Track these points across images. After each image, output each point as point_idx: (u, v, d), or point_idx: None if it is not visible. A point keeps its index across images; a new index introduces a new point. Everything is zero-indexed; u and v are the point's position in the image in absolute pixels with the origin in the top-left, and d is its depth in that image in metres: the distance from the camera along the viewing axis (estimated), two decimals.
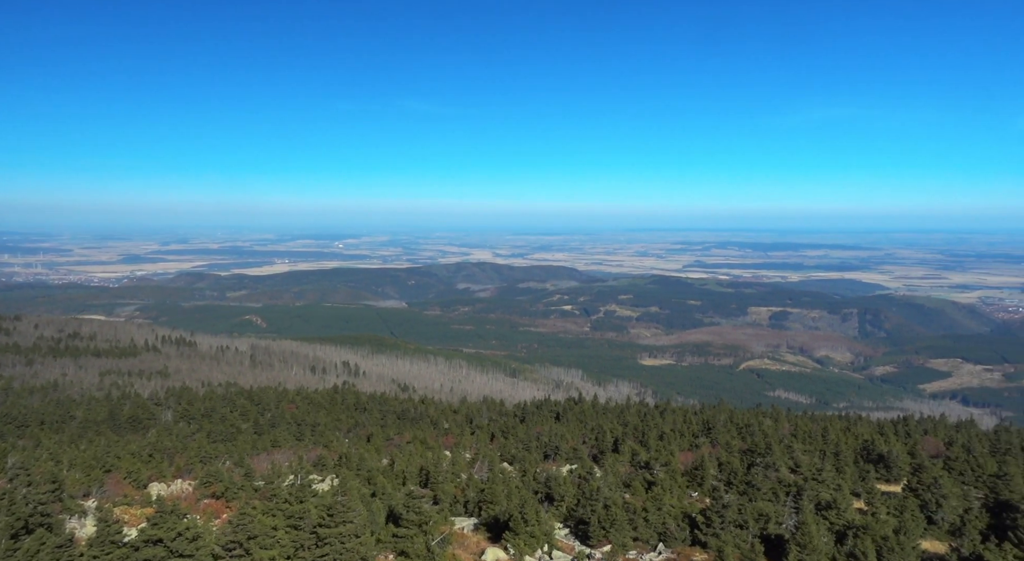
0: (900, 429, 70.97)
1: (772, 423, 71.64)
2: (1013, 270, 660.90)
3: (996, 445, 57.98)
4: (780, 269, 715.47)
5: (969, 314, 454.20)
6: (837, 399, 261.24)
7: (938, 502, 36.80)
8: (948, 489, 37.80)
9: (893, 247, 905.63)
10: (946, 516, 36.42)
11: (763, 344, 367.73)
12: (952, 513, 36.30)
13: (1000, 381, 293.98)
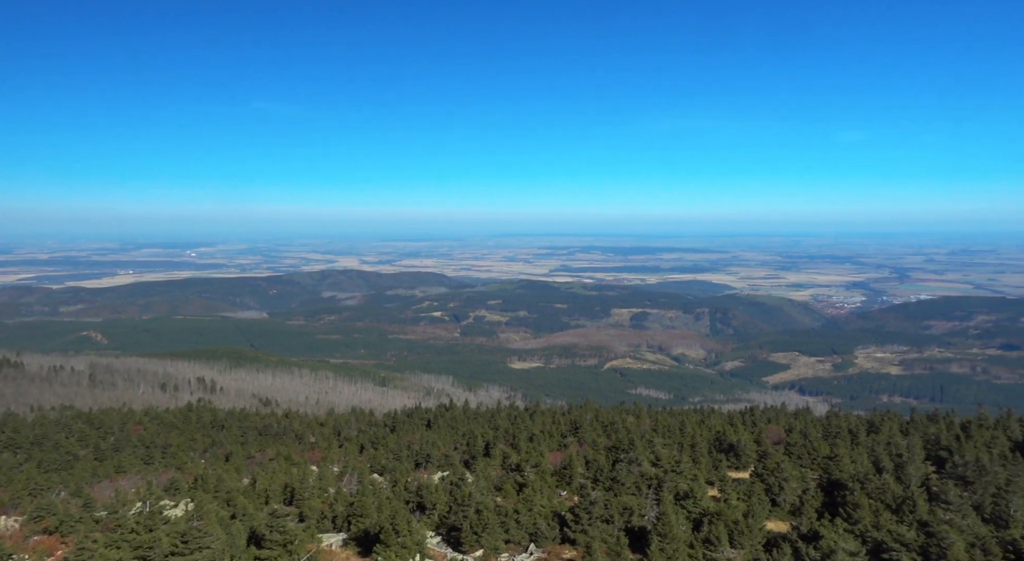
0: (747, 419, 76.55)
1: (635, 420, 74.96)
2: (839, 270, 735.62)
3: (828, 429, 63.97)
4: (640, 272, 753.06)
5: (803, 311, 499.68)
6: (693, 394, 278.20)
7: (780, 485, 39.96)
8: (789, 472, 41.19)
9: (739, 250, 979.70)
10: (787, 497, 39.62)
11: (625, 344, 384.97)
12: (792, 494, 39.56)
13: (830, 371, 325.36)
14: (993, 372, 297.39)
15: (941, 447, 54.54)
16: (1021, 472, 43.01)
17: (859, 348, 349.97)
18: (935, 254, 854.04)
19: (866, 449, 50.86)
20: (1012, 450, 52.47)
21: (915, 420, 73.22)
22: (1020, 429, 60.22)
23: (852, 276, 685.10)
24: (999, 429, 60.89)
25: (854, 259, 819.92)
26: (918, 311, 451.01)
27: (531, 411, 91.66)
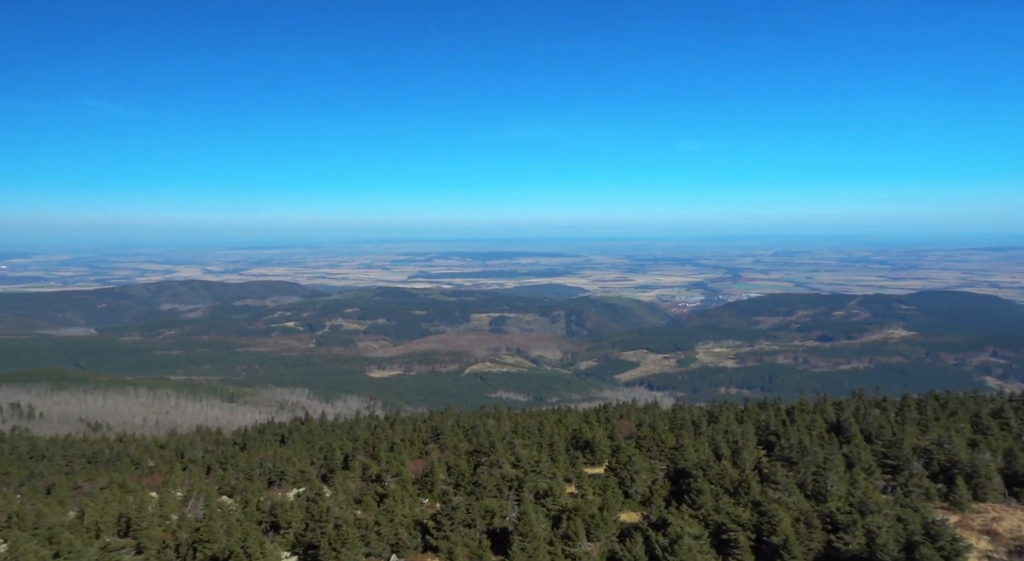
0: (601, 416, 79.92)
1: (495, 423, 75.91)
2: (681, 271, 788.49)
3: (674, 422, 68.19)
4: (498, 277, 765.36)
5: (651, 310, 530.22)
6: (550, 394, 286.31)
7: (632, 478, 42.00)
8: (640, 465, 43.40)
9: (591, 254, 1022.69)
10: (639, 489, 41.70)
11: (485, 348, 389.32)
12: (643, 485, 41.70)
13: (675, 366, 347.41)
14: (812, 362, 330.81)
15: (770, 432, 59.85)
16: (836, 451, 48.08)
17: (700, 344, 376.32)
18: (762, 256, 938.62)
19: (707, 438, 54.73)
20: (828, 431, 58.59)
21: (748, 409, 79.89)
22: (835, 412, 67.35)
23: (692, 277, 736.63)
24: (817, 413, 67.79)
25: (694, 261, 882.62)
26: (749, 308, 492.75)
27: (392, 420, 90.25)
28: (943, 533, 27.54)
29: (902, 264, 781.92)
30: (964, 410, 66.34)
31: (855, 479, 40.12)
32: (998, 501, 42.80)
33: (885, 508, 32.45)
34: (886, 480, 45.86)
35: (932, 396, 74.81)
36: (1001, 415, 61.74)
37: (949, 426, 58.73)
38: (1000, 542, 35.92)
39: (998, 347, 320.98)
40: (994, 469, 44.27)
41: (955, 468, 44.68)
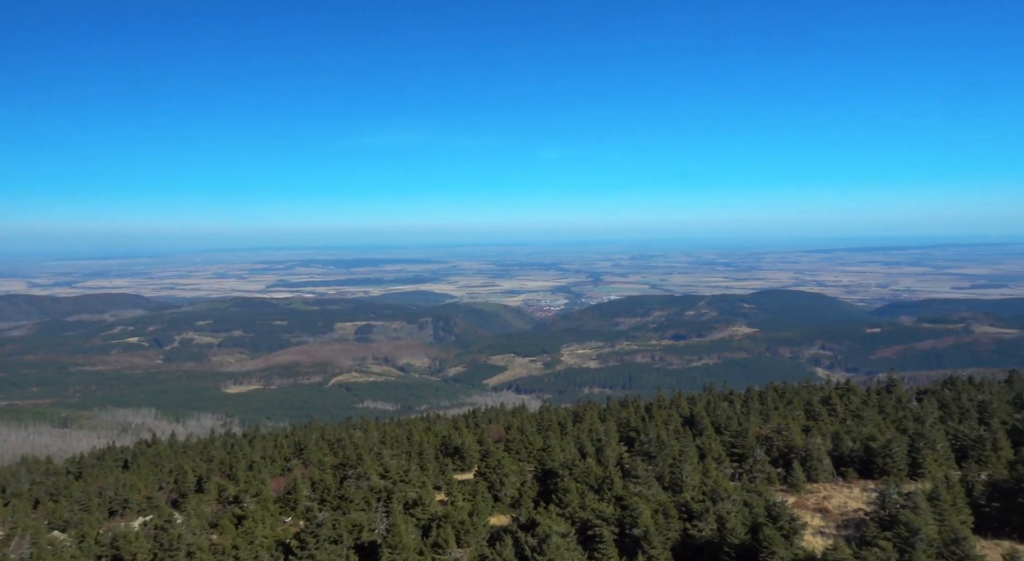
0: (471, 422, 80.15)
1: (362, 434, 74.01)
2: (545, 275, 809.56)
3: (542, 423, 69.64)
4: (363, 284, 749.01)
5: (517, 315, 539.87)
6: (419, 402, 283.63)
7: (502, 481, 42.36)
8: (509, 468, 43.88)
9: (457, 260, 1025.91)
10: (508, 491, 42.13)
11: (351, 358, 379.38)
12: (512, 488, 42.18)
13: (542, 369, 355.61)
14: (667, 359, 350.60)
15: (631, 428, 62.63)
16: (690, 443, 51.05)
17: (564, 346, 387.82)
18: (620, 260, 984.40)
19: (573, 438, 56.34)
20: (683, 425, 62.14)
21: (610, 407, 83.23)
22: (688, 407, 71.58)
23: (556, 281, 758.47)
24: (673, 408, 71.75)
25: (557, 265, 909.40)
26: (610, 310, 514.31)
27: (250, 437, 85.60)
28: (783, 514, 29.94)
29: (744, 265, 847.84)
30: (798, 399, 72.79)
31: (707, 469, 42.75)
32: (828, 481, 47.25)
33: (734, 494, 34.82)
34: (734, 468, 49.29)
35: (772, 388, 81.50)
36: (829, 402, 68.29)
37: (786, 414, 64.18)
38: (830, 518, 39.62)
39: (825, 340, 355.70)
40: (824, 451, 48.84)
41: (792, 453, 48.85)
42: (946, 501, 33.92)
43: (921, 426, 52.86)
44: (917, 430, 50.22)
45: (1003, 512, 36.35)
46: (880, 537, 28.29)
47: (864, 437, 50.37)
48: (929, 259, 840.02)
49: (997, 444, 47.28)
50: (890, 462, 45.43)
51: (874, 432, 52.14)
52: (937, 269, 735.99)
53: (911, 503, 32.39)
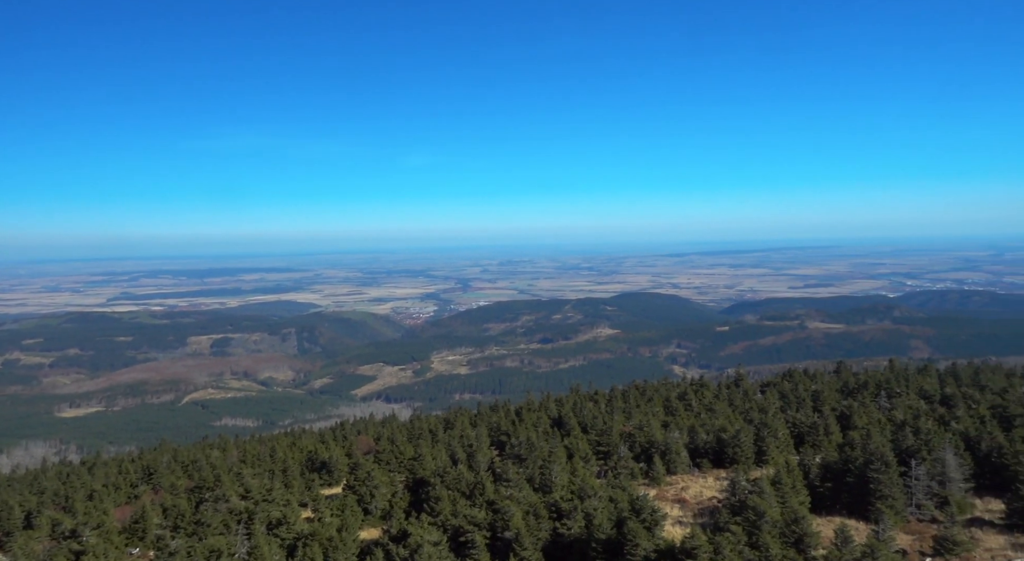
0: (339, 434, 77.77)
1: (220, 453, 69.73)
2: (414, 282, 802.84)
3: (412, 432, 68.81)
4: (219, 295, 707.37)
5: (386, 323, 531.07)
6: (283, 417, 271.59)
7: (372, 493, 41.38)
8: (379, 479, 42.94)
9: (321, 268, 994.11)
10: (379, 504, 41.22)
11: (207, 374, 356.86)
12: (383, 500, 41.31)
13: (412, 377, 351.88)
14: (535, 363, 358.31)
15: (502, 432, 63.30)
16: (559, 444, 52.32)
17: (434, 353, 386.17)
18: (489, 265, 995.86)
19: (444, 445, 56.08)
20: (552, 426, 63.63)
21: (481, 412, 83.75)
22: (556, 408, 73.38)
23: (425, 288, 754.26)
24: (542, 411, 73.30)
25: (426, 272, 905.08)
26: (479, 316, 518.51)
27: (90, 464, 78.18)
28: (645, 507, 31.35)
29: (606, 270, 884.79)
30: (658, 396, 76.73)
31: (575, 468, 44.00)
32: (686, 472, 50.10)
33: (600, 491, 36.04)
34: (600, 465, 51.10)
35: (634, 386, 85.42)
36: (685, 398, 72.52)
37: (647, 411, 67.40)
38: (688, 507, 42.01)
39: (681, 339, 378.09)
40: (682, 445, 51.76)
41: (653, 448, 51.37)
42: (787, 484, 36.96)
43: (765, 416, 57.39)
44: (762, 420, 54.47)
45: (834, 491, 40.17)
46: (731, 522, 30.28)
47: (716, 429, 53.95)
48: (769, 261, 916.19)
49: (828, 429, 52.22)
50: (739, 451, 48.92)
51: (725, 424, 55.98)
52: (776, 270, 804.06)
53: (757, 488, 35.00)
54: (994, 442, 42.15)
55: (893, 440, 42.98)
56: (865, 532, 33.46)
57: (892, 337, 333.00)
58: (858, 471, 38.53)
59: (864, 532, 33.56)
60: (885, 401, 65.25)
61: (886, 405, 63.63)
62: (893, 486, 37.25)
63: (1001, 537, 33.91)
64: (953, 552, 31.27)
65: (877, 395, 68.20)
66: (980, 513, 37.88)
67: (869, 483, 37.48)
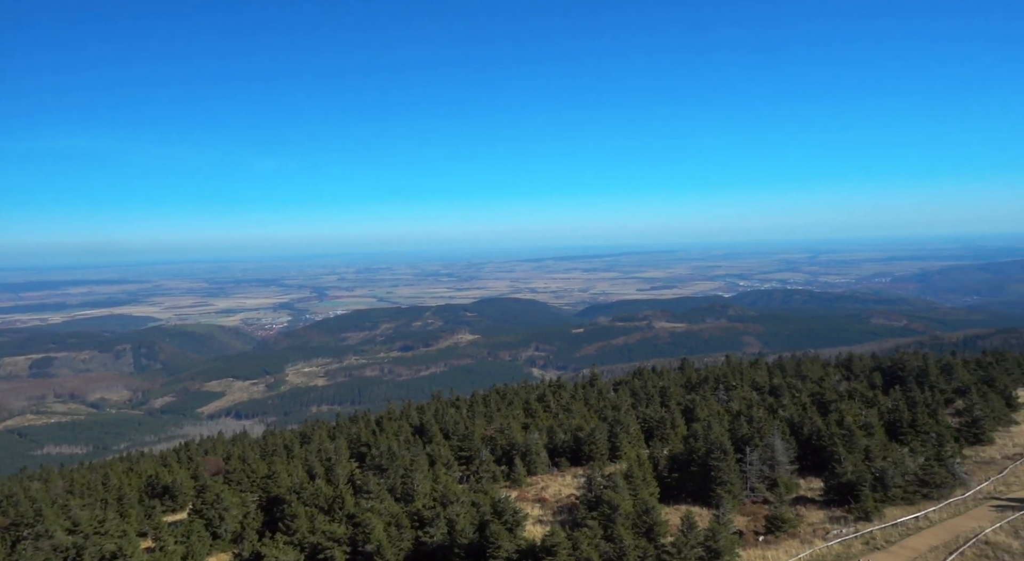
0: (183, 456, 72.52)
1: (43, 485, 62.75)
2: (266, 292, 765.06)
3: (266, 449, 65.54)
4: (39, 311, 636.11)
5: (235, 335, 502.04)
6: (118, 441, 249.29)
7: (221, 516, 38.95)
8: (229, 501, 40.48)
9: (161, 279, 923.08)
10: (229, 526, 38.87)
11: (24, 398, 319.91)
12: (234, 522, 39.00)
13: (265, 391, 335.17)
14: (396, 371, 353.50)
15: (362, 443, 61.85)
16: (421, 451, 51.94)
17: (289, 366, 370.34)
18: (346, 273, 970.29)
19: (301, 460, 53.92)
20: (414, 434, 63.03)
21: (340, 424, 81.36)
22: (418, 416, 72.79)
23: (278, 298, 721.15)
24: (403, 419, 72.46)
25: (279, 281, 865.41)
26: (336, 325, 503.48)
27: None
28: (507, 509, 31.87)
29: (466, 276, 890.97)
30: (518, 399, 78.28)
31: (437, 475, 43.86)
32: (545, 472, 51.46)
33: (462, 496, 36.17)
34: (462, 470, 51.30)
35: (494, 390, 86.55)
36: (543, 399, 74.50)
37: (508, 414, 68.55)
38: (548, 506, 43.17)
39: (539, 342, 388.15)
40: (541, 445, 53.13)
41: (514, 450, 52.31)
42: (638, 477, 39.01)
43: (618, 413, 60.24)
44: (615, 417, 57.12)
45: (680, 481, 42.91)
46: (588, 517, 31.51)
47: (573, 429, 55.90)
48: (619, 265, 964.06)
49: (675, 423, 55.69)
50: (595, 449, 50.97)
51: (581, 423, 58.15)
52: (625, 274, 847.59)
53: (612, 483, 36.65)
54: (814, 426, 46.88)
55: (730, 429, 46.63)
56: (708, 517, 36.01)
57: (728, 334, 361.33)
58: (701, 460, 41.40)
59: (707, 517, 36.10)
60: (723, 394, 70.69)
61: (724, 397, 68.94)
62: (731, 472, 40.39)
63: (821, 512, 37.77)
64: (782, 529, 34.41)
65: (716, 388, 73.72)
66: (804, 491, 41.97)
67: (711, 471, 40.40)
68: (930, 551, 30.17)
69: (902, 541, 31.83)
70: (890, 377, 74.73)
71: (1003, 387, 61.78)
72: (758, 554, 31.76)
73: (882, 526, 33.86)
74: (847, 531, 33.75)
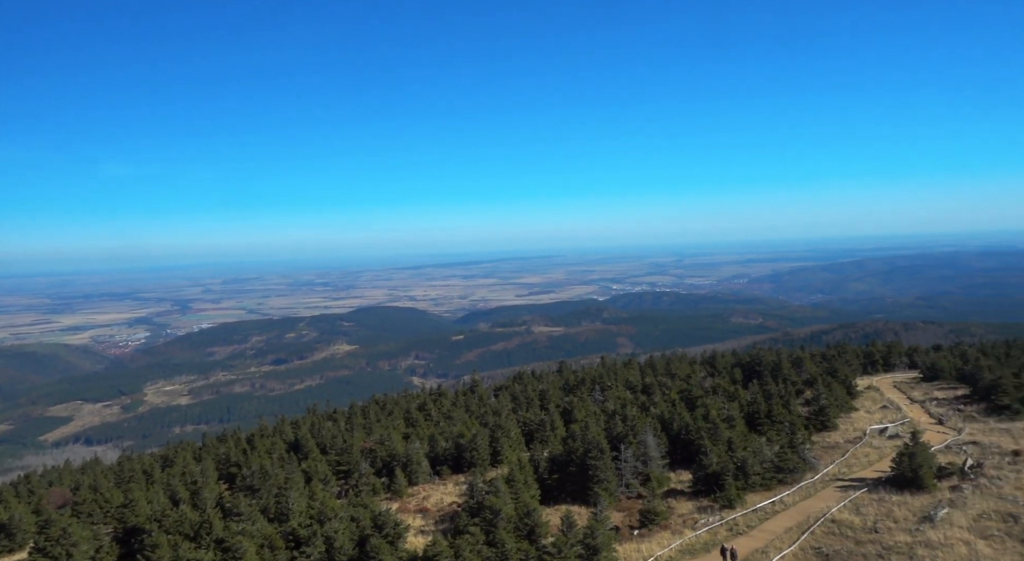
0: (23, 489, 65.52)
1: None
2: (119, 307, 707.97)
3: (121, 476, 60.46)
4: None
5: (84, 355, 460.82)
6: None
7: (69, 552, 35.51)
8: (79, 535, 36.94)
9: None
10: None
11: None
12: (84, 558, 35.68)
13: (120, 414, 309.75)
14: (268, 386, 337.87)
15: (232, 464, 58.47)
16: (296, 468, 49.85)
17: (148, 385, 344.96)
18: (212, 284, 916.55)
19: (162, 485, 50.20)
20: (288, 451, 60.44)
21: (207, 444, 76.54)
22: (292, 431, 69.92)
23: (134, 312, 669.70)
24: (277, 435, 69.34)
25: (135, 295, 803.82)
26: (201, 340, 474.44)
27: None
28: (388, 521, 31.19)
29: (342, 285, 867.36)
30: (398, 409, 77.08)
31: (314, 491, 42.27)
32: (427, 481, 50.90)
33: (341, 512, 35.03)
34: (340, 485, 49.75)
35: (374, 401, 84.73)
36: (424, 408, 73.81)
37: (388, 425, 67.32)
38: (430, 516, 42.70)
39: (419, 350, 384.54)
40: (423, 454, 52.51)
41: (395, 461, 51.38)
42: (519, 481, 39.42)
43: (499, 418, 60.68)
44: (496, 422, 57.48)
45: (560, 481, 43.81)
46: (470, 524, 31.43)
47: (455, 436, 55.71)
48: (498, 272, 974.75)
49: (554, 425, 56.85)
50: (476, 455, 51.02)
51: (463, 430, 58.07)
52: (504, 280, 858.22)
53: (493, 488, 36.78)
54: (683, 421, 49.38)
55: (606, 428, 48.18)
56: (587, 515, 36.98)
57: (603, 336, 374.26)
58: (579, 460, 42.47)
59: (586, 515, 37.07)
60: (599, 394, 73.01)
61: (600, 398, 71.23)
62: (607, 470, 41.71)
63: (690, 503, 39.80)
64: (655, 522, 35.90)
65: (593, 389, 76.03)
66: (675, 484, 44.06)
67: (589, 470, 41.52)
68: (785, 532, 32.53)
69: (761, 525, 34.13)
70: (749, 372, 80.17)
71: (844, 377, 67.87)
72: (633, 548, 32.94)
73: (744, 512, 36.14)
74: (713, 519, 35.74)
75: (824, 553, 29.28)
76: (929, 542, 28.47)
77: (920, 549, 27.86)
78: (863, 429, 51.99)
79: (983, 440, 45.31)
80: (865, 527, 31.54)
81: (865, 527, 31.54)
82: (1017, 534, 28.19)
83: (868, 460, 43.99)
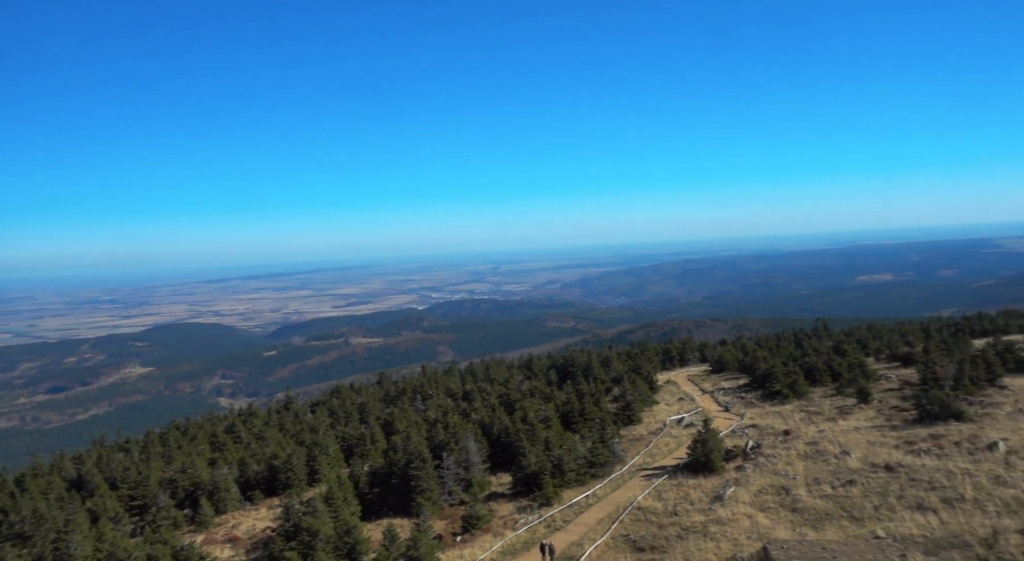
0: None
1: None
2: None
3: None
4: None
5: None
6: None
7: None
8: None
9: None
10: None
11: None
12: None
13: None
14: (44, 417, 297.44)
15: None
16: (79, 508, 44.18)
17: None
18: None
19: None
20: (69, 489, 53.40)
21: None
22: (75, 467, 61.95)
23: None
24: (54, 473, 61.00)
25: None
26: None
27: None
28: (191, 556, 28.60)
29: (133, 302, 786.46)
30: (203, 433, 71.18)
31: (102, 533, 37.76)
32: (237, 509, 47.47)
33: (135, 552, 31.61)
34: (135, 522, 44.89)
35: (174, 426, 77.53)
36: (233, 430, 68.93)
37: (191, 451, 61.88)
38: (241, 545, 39.84)
39: (226, 369, 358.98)
40: (232, 480, 48.94)
41: (199, 490, 47.36)
42: (339, 498, 38.03)
43: (316, 435, 58.18)
44: (313, 440, 55.07)
45: (382, 495, 42.90)
46: (286, 549, 29.76)
47: (268, 457, 52.53)
48: (312, 283, 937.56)
49: (375, 438, 55.62)
50: (292, 475, 48.49)
51: (276, 450, 54.93)
52: (319, 291, 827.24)
53: (311, 508, 35.14)
54: (502, 425, 50.53)
55: (428, 437, 48.01)
56: (410, 526, 36.48)
57: (423, 345, 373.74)
58: (401, 472, 41.87)
59: (409, 527, 36.55)
60: (420, 403, 72.66)
61: (421, 407, 70.89)
62: (430, 479, 41.54)
63: (510, 504, 40.76)
64: (477, 526, 36.32)
65: (414, 399, 75.50)
66: (496, 487, 44.92)
67: (411, 481, 41.06)
68: (598, 523, 34.38)
69: (576, 519, 35.78)
70: (563, 373, 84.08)
71: (647, 373, 73.45)
72: (456, 554, 33.04)
73: (561, 508, 37.69)
74: (532, 518, 36.86)
75: (632, 539, 31.29)
76: (719, 519, 31.44)
77: (712, 526, 30.68)
78: (663, 420, 56.54)
79: (761, 423, 51.11)
80: (666, 511, 34.19)
81: (666, 511, 34.19)
82: (788, 505, 32.00)
83: (668, 449, 47.86)
